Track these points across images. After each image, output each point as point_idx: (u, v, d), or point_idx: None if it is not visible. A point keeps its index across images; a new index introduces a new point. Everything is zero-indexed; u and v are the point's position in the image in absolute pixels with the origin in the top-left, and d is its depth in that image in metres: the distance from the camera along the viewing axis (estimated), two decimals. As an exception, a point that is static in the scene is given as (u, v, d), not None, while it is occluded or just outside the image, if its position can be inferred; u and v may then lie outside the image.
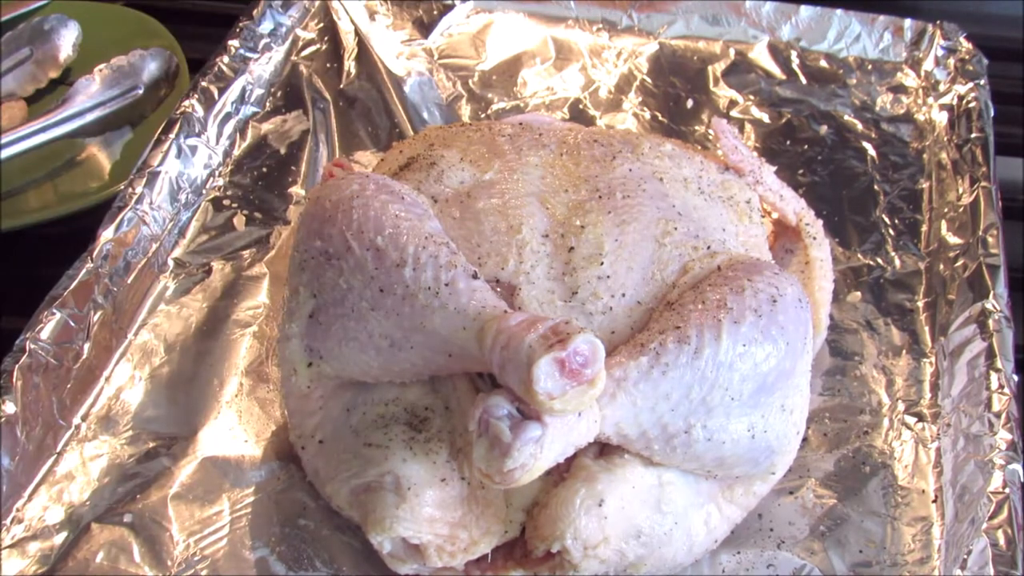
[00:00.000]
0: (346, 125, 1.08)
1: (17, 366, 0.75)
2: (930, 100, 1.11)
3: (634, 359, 0.66)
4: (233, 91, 1.05)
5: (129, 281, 0.87)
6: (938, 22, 1.16)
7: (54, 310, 0.80)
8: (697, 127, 1.10)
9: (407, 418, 0.71)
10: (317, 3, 1.19)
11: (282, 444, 0.79)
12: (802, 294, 0.72)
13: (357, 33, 1.18)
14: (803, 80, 1.15)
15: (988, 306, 0.85)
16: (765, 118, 1.10)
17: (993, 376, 0.80)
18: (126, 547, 0.72)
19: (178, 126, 0.97)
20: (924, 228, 0.98)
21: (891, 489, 0.78)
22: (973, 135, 1.02)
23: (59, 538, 0.73)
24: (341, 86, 1.13)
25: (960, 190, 0.98)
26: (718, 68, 1.16)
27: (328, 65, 1.15)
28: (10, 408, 0.74)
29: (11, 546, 0.71)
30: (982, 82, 1.09)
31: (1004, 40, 1.22)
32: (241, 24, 1.11)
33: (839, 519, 0.76)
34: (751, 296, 0.69)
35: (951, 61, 1.13)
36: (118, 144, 1.09)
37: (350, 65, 1.15)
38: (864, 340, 0.88)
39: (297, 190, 1.00)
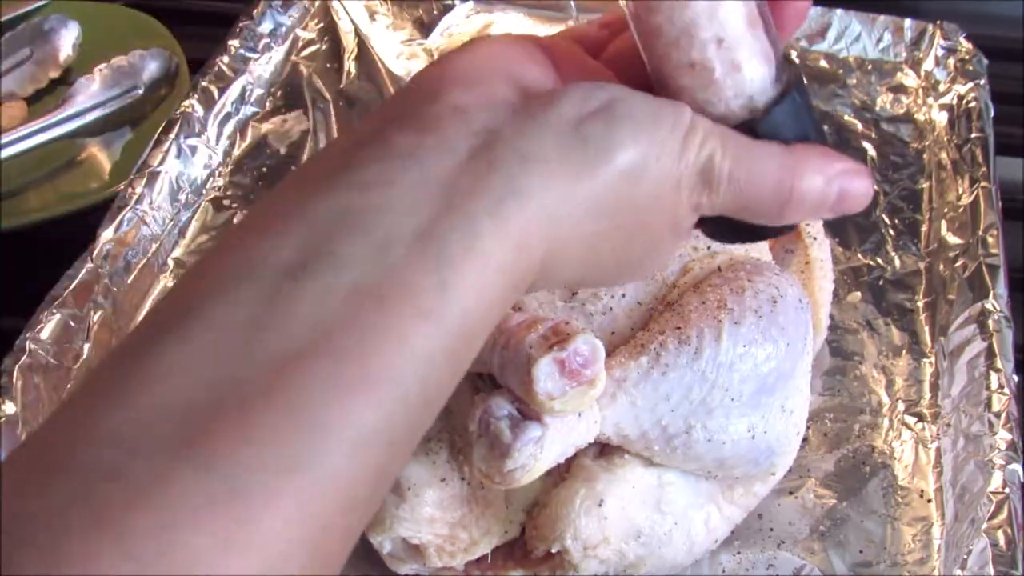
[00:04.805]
0: (346, 125, 1.08)
1: (17, 366, 0.75)
2: (930, 100, 1.11)
3: (634, 359, 0.66)
4: (233, 91, 1.05)
5: (129, 281, 0.87)
6: (938, 22, 1.15)
7: (54, 310, 0.79)
8: (697, 127, 1.10)
9: (407, 418, 0.71)
10: (317, 3, 1.19)
11: (282, 444, 0.78)
12: (802, 295, 0.72)
13: (357, 33, 1.17)
14: (803, 80, 1.14)
15: (988, 306, 0.84)
16: (765, 118, 1.10)
17: (993, 376, 0.79)
18: (126, 547, 0.72)
19: (178, 126, 0.97)
20: (924, 228, 0.98)
21: (891, 489, 0.78)
22: (973, 135, 1.02)
23: (59, 538, 0.72)
24: (341, 86, 1.12)
25: (960, 190, 0.97)
26: (718, 68, 1.16)
27: (328, 65, 1.15)
28: (10, 408, 0.73)
29: (11, 546, 0.71)
30: (982, 82, 1.09)
31: (1004, 40, 1.21)
32: (241, 24, 1.10)
33: (839, 519, 0.76)
34: (751, 297, 0.68)
35: (951, 61, 1.13)
36: (118, 144, 1.08)
37: (350, 65, 1.15)
38: (864, 340, 0.88)
39: (297, 190, 1.00)
